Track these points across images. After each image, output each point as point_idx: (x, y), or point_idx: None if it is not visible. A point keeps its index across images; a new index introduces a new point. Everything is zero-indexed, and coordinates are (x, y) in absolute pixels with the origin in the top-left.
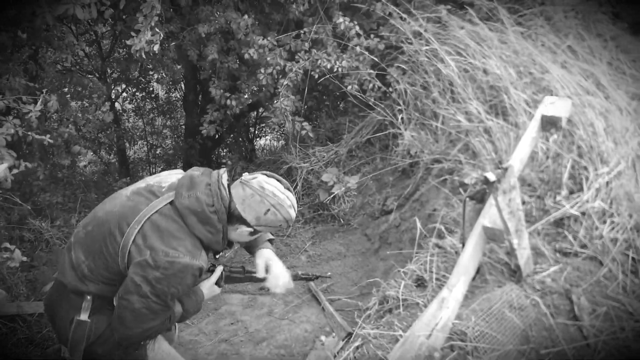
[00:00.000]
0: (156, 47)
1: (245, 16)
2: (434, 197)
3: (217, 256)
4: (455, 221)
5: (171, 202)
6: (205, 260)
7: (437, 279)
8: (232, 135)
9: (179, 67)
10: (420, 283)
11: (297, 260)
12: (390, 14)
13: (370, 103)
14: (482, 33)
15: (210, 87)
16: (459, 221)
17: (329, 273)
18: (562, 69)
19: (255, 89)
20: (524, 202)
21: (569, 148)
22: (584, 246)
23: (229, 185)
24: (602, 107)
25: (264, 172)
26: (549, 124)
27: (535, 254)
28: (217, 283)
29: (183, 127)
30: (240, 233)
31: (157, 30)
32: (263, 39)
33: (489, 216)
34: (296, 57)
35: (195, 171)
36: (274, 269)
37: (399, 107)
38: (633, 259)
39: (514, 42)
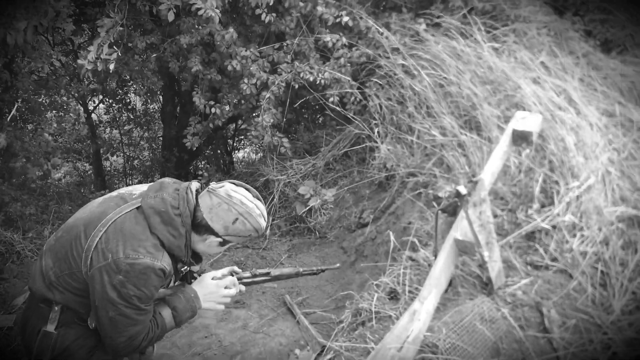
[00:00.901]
0: (112, 66)
1: (231, 29)
2: (409, 210)
3: (183, 268)
4: (429, 234)
5: (138, 207)
6: (168, 263)
7: (409, 292)
8: (210, 148)
9: (157, 78)
10: (394, 296)
11: None
12: (369, 29)
13: (349, 116)
14: (458, 49)
15: (193, 97)
16: (433, 234)
17: (338, 264)
18: (535, 85)
19: (235, 101)
20: (496, 216)
21: (540, 162)
22: (554, 259)
23: (197, 194)
24: (573, 123)
25: (232, 180)
26: (520, 138)
27: (507, 267)
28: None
29: (161, 139)
30: (209, 244)
31: (115, 48)
32: (246, 50)
33: (460, 229)
34: (278, 69)
35: (167, 178)
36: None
37: (375, 121)
38: (602, 272)
39: (488, 58)
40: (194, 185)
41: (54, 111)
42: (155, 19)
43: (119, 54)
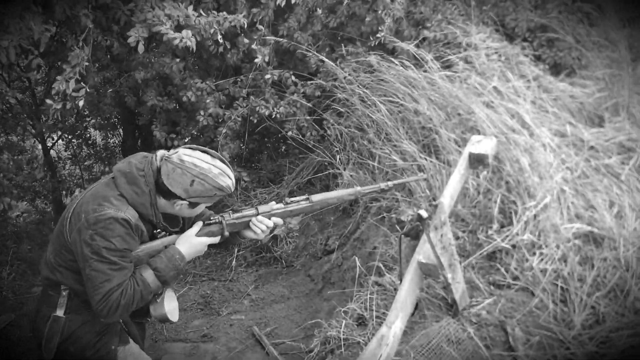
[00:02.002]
0: (81, 103)
1: (177, 60)
2: (374, 235)
3: (156, 231)
4: (394, 258)
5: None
6: (133, 215)
7: (377, 317)
8: None
9: (115, 112)
10: (361, 322)
11: (240, 305)
12: (323, 61)
13: (310, 146)
14: (412, 76)
15: (153, 130)
16: (397, 258)
17: (422, 174)
18: (489, 109)
19: (195, 133)
20: (457, 237)
21: (498, 184)
22: (516, 278)
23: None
24: (527, 144)
25: (188, 145)
26: (477, 161)
27: (471, 288)
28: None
29: None
30: (180, 208)
31: (83, 84)
32: (201, 82)
33: (423, 252)
34: (234, 104)
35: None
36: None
37: (337, 148)
38: (562, 288)
39: (441, 85)
40: (160, 152)
41: (8, 153)
42: (112, 54)
43: (87, 90)
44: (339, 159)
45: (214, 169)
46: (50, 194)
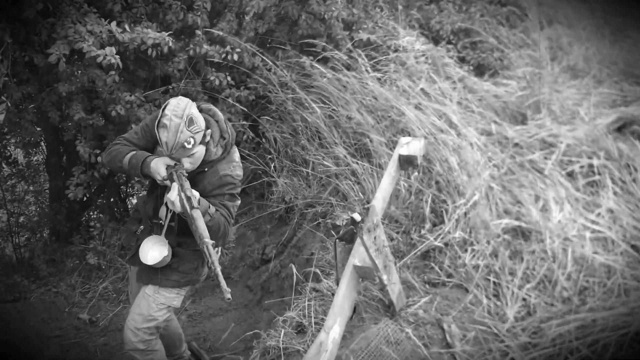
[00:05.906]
0: (2, 117)
1: (112, 72)
2: (311, 242)
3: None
4: (331, 264)
5: None
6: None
7: (316, 323)
8: (102, 196)
9: (37, 130)
10: (301, 329)
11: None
12: (257, 66)
13: (244, 154)
14: (344, 80)
15: (77, 146)
16: (334, 263)
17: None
18: (417, 110)
19: None
20: (392, 239)
21: (428, 184)
22: (450, 275)
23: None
24: (455, 144)
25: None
26: (406, 162)
27: (407, 288)
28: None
29: (47, 191)
30: None
31: (4, 98)
32: (130, 95)
33: (358, 255)
34: None
35: None
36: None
37: (270, 156)
38: (494, 282)
39: (372, 88)
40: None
41: None
42: (32, 68)
43: (9, 105)
44: (273, 166)
45: (166, 119)
46: None
